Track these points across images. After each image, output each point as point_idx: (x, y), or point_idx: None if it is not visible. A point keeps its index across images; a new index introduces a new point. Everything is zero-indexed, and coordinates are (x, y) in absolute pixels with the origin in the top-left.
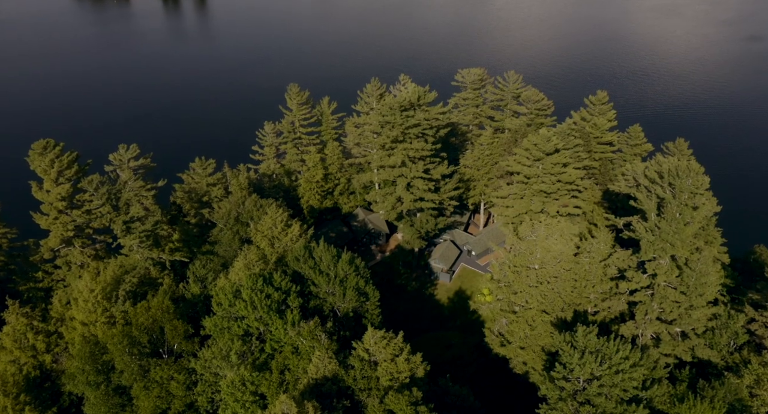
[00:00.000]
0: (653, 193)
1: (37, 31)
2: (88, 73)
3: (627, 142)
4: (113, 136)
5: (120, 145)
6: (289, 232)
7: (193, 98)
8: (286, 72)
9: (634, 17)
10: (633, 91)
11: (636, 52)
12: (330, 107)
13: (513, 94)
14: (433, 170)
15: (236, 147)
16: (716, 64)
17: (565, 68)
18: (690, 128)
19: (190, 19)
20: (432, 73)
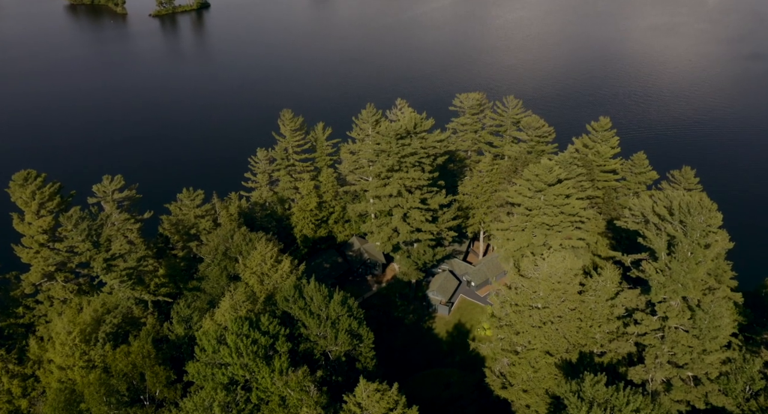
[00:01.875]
0: (663, 231)
1: (29, 51)
2: (76, 96)
3: (631, 170)
4: (99, 163)
5: (104, 176)
6: (279, 268)
7: (183, 123)
8: (280, 95)
9: (634, 36)
10: (635, 113)
11: (637, 72)
12: (324, 133)
13: (512, 119)
14: (431, 200)
15: (228, 174)
16: (719, 84)
17: (566, 89)
18: (694, 151)
19: (186, 39)
20: (429, 96)
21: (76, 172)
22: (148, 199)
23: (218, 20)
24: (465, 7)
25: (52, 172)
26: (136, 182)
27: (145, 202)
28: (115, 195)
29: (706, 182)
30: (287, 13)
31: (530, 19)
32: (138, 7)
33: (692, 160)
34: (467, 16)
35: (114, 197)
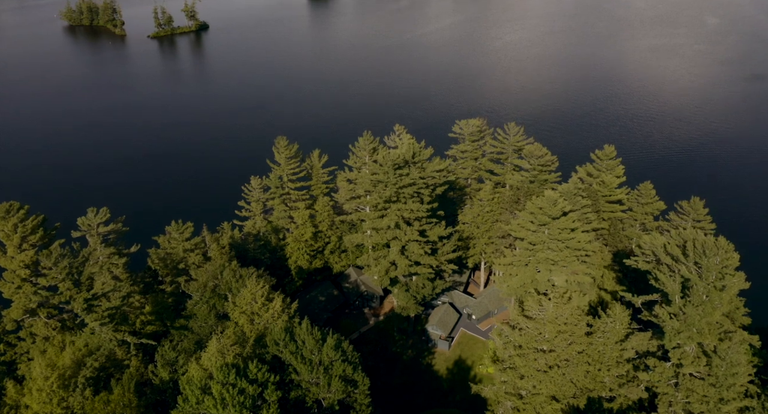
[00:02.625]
0: (677, 273)
1: (22, 74)
2: (66, 121)
3: (637, 200)
4: (86, 192)
5: (89, 209)
6: (271, 307)
7: (175, 149)
8: (275, 120)
9: (634, 58)
10: (638, 136)
11: (638, 94)
12: (320, 160)
13: (514, 146)
14: (430, 231)
15: (221, 203)
16: (720, 105)
17: (567, 112)
18: (700, 176)
19: (183, 61)
20: (429, 120)
21: (61, 202)
22: (136, 230)
23: (217, 41)
24: (464, 28)
25: (35, 204)
26: (123, 214)
27: (133, 234)
28: (100, 228)
29: (714, 210)
30: (286, 34)
31: (529, 41)
32: (137, 28)
33: (699, 186)
34: (466, 37)
35: (99, 231)
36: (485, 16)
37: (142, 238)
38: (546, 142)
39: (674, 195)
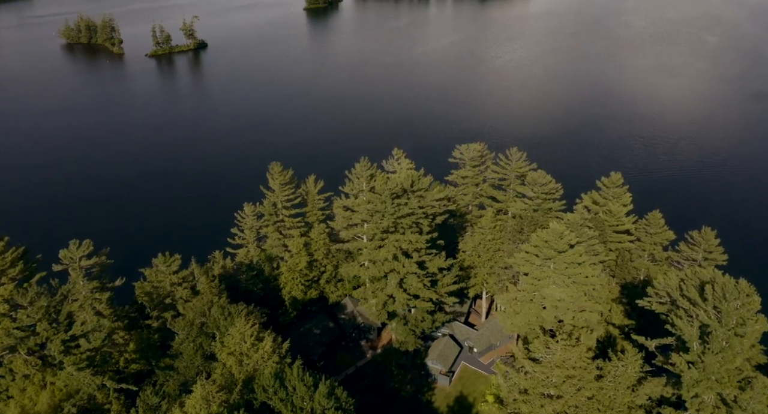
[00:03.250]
0: (695, 318)
1: (14, 92)
2: (53, 142)
3: (646, 229)
4: (71, 221)
5: (71, 242)
6: (261, 347)
7: (166, 174)
8: (270, 143)
9: (636, 77)
10: (642, 156)
11: (642, 114)
12: (316, 186)
13: (516, 172)
14: (429, 263)
15: (213, 230)
16: (724, 124)
17: (570, 133)
18: (708, 198)
19: (179, 81)
20: (428, 142)
21: (44, 231)
22: (123, 261)
23: (214, 60)
24: (464, 47)
25: (16, 233)
26: (109, 244)
27: (119, 266)
28: (82, 262)
29: (723, 235)
30: (285, 52)
31: (530, 60)
32: (136, 46)
33: (707, 211)
34: (466, 56)
35: (81, 264)
36: (485, 35)
37: (128, 270)
38: (549, 166)
39: (682, 221)
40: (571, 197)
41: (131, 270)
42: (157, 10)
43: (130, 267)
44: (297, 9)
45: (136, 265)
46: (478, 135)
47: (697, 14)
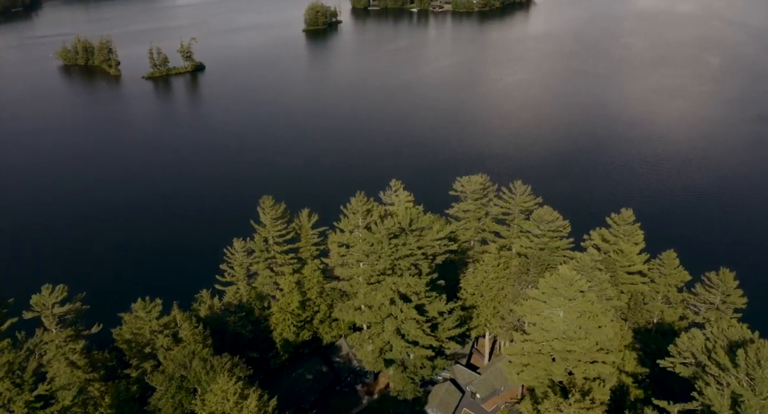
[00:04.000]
0: (725, 386)
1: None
2: (32, 170)
3: (659, 270)
4: (47, 257)
5: (44, 287)
6: (245, 406)
7: (150, 206)
8: (263, 172)
9: (638, 99)
10: (648, 182)
11: (647, 137)
12: (310, 220)
13: (520, 207)
14: (429, 306)
15: (201, 266)
16: (734, 150)
17: (573, 160)
18: (720, 228)
19: (173, 105)
20: (427, 174)
21: (19, 270)
22: (102, 302)
23: (211, 83)
24: (464, 69)
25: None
26: (85, 288)
27: (97, 309)
28: (55, 309)
29: (743, 276)
30: (283, 75)
31: (530, 82)
32: (133, 68)
33: (721, 243)
34: (467, 78)
35: (54, 311)
36: (485, 56)
37: (108, 313)
38: (553, 198)
39: (696, 255)
40: (579, 232)
41: (111, 313)
42: (158, 31)
43: (110, 309)
44: (296, 31)
45: (117, 307)
46: (479, 162)
47: (696, 35)
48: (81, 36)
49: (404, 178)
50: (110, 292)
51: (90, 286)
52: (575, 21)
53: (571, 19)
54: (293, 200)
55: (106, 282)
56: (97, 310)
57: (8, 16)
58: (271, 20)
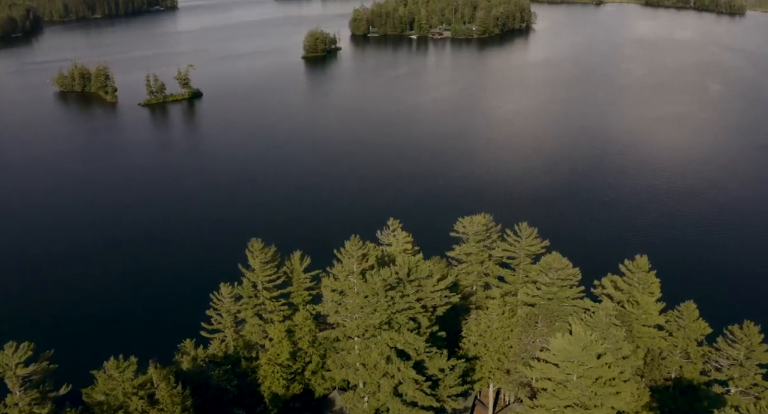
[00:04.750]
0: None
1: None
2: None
3: (677, 322)
4: (13, 309)
5: (7, 345)
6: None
7: (131, 244)
8: (255, 206)
9: (641, 128)
10: (657, 216)
11: (654, 169)
12: (302, 263)
13: (526, 251)
14: (429, 362)
15: (184, 313)
16: (745, 182)
17: (579, 192)
18: (737, 269)
19: (166, 134)
20: (427, 212)
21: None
22: (74, 357)
23: (207, 111)
24: (464, 96)
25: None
26: (53, 345)
27: (68, 365)
28: (19, 370)
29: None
30: (280, 102)
31: (532, 110)
32: (129, 95)
33: (739, 284)
34: (467, 105)
35: (18, 373)
36: (485, 83)
37: (79, 371)
38: (557, 234)
39: (716, 308)
40: (588, 274)
41: (84, 367)
42: (158, 57)
43: (83, 363)
44: (295, 57)
45: (91, 361)
46: (481, 196)
47: (695, 61)
48: (78, 62)
49: (403, 215)
50: (83, 344)
51: (61, 338)
52: (574, 47)
53: (570, 45)
54: (285, 240)
55: (78, 332)
56: (68, 365)
57: (8, 41)
58: (270, 46)
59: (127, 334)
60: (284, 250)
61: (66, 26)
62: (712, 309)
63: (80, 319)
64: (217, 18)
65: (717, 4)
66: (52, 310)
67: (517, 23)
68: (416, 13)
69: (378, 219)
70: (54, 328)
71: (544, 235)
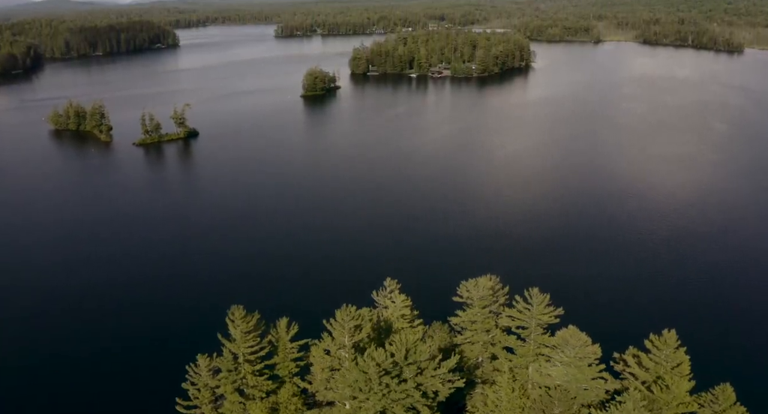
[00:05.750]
0: None
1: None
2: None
3: (711, 407)
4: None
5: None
6: None
7: (100, 311)
8: (239, 263)
9: (648, 169)
10: (668, 266)
11: (664, 214)
12: (289, 332)
13: (538, 320)
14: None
15: (157, 389)
16: (758, 227)
17: (588, 243)
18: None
19: (158, 175)
20: (427, 271)
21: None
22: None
23: (202, 152)
24: (464, 136)
25: None
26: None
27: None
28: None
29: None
30: (277, 144)
31: (535, 150)
32: (125, 133)
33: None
34: (468, 146)
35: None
36: (485, 122)
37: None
38: (567, 294)
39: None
40: (606, 345)
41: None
42: (158, 95)
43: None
44: (294, 96)
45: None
46: (484, 249)
47: (697, 100)
48: (74, 100)
49: (401, 271)
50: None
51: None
52: (574, 85)
53: (569, 83)
54: (271, 302)
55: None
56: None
57: (8, 77)
58: (270, 85)
59: (100, 405)
60: (270, 315)
61: (67, 63)
62: (748, 388)
63: (41, 389)
64: (218, 56)
65: (715, 42)
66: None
67: (517, 62)
68: (416, 52)
69: (374, 275)
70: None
71: (554, 295)
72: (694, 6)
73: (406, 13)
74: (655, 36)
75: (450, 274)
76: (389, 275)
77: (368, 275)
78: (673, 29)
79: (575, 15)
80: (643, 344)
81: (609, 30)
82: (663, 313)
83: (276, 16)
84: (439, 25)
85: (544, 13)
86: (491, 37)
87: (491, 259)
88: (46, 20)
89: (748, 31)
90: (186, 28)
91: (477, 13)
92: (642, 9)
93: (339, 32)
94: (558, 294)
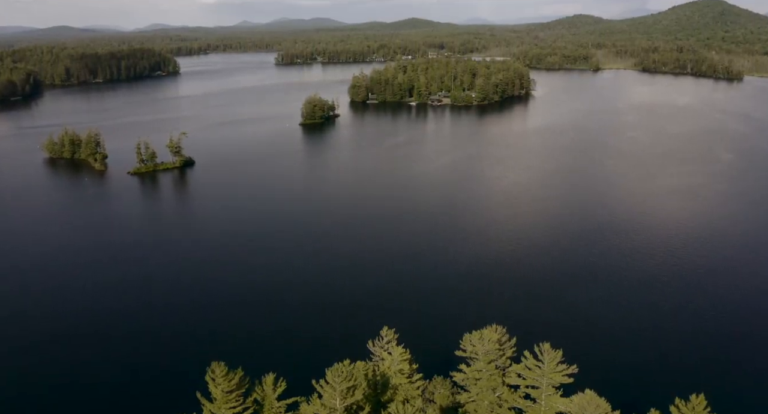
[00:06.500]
0: None
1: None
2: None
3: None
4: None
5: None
6: None
7: (71, 369)
8: (223, 312)
9: (655, 201)
10: (687, 305)
11: (676, 252)
12: (276, 389)
13: (550, 380)
14: None
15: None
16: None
17: (594, 282)
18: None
19: (151, 207)
20: (427, 320)
21: None
22: None
23: (197, 181)
24: (465, 166)
25: None
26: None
27: None
28: None
29: None
30: (274, 173)
31: (537, 181)
32: (120, 162)
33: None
34: (468, 176)
35: None
36: (486, 152)
37: None
38: (578, 345)
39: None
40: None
41: None
42: (156, 122)
43: None
44: (293, 124)
45: None
46: (488, 292)
47: (700, 128)
48: (69, 128)
49: (399, 318)
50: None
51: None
52: (575, 113)
53: (570, 111)
54: (256, 353)
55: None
56: None
57: (7, 104)
58: (269, 113)
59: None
60: (256, 369)
61: (66, 90)
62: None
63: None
64: (218, 83)
65: (715, 70)
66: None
67: (517, 90)
68: (415, 80)
69: (371, 319)
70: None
71: (561, 343)
72: (691, 34)
73: (406, 41)
74: (654, 64)
75: (452, 318)
76: (386, 317)
77: (364, 320)
78: (672, 57)
79: (574, 43)
80: (668, 410)
81: (608, 58)
82: (684, 368)
83: (277, 44)
84: (439, 54)
85: (543, 41)
86: (491, 65)
87: (495, 301)
88: (47, 47)
89: (747, 58)
90: (187, 55)
91: (476, 42)
92: (640, 37)
93: (339, 60)
94: (565, 341)
